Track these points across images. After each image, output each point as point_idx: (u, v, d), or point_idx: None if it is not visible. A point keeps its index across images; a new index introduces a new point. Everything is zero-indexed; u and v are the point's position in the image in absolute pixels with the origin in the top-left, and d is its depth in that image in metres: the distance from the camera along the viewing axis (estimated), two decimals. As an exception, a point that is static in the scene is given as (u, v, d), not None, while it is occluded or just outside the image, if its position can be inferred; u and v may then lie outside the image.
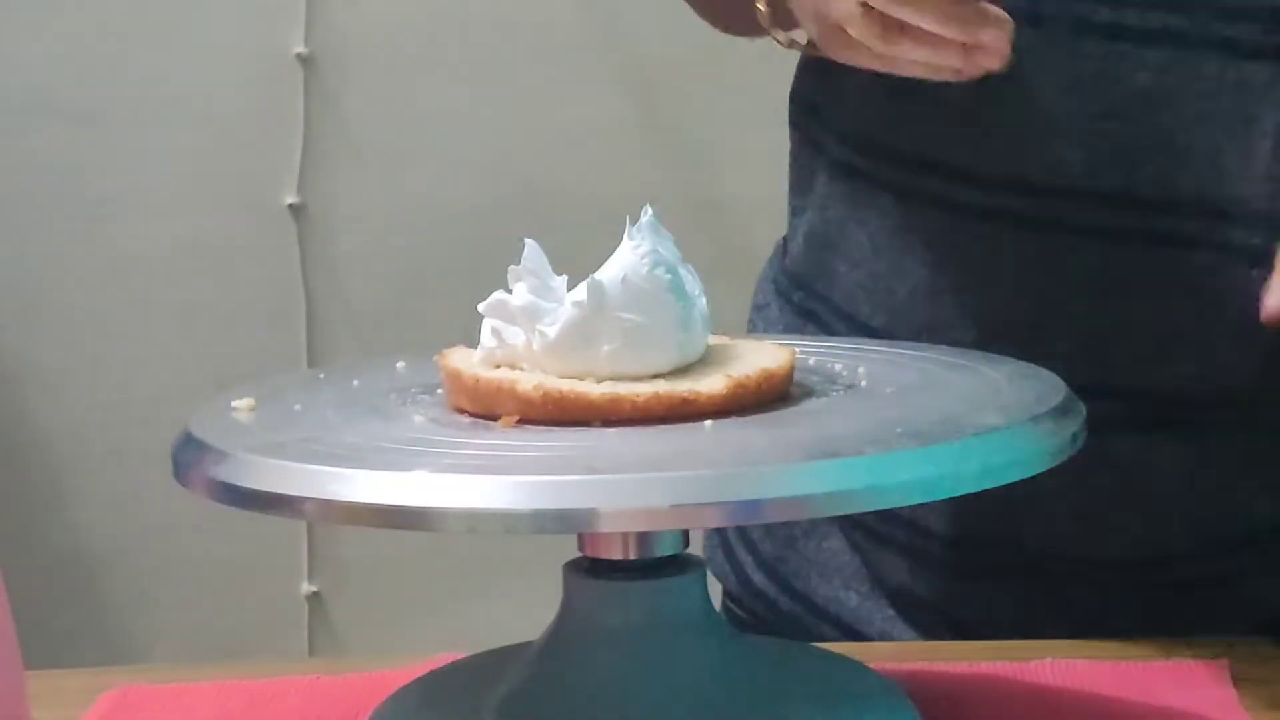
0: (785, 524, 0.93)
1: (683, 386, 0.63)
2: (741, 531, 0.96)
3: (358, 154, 1.85)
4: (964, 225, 0.84)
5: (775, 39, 0.84)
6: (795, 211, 0.95)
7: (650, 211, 0.66)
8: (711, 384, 0.64)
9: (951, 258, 0.85)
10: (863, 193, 0.88)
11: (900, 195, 0.86)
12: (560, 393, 0.63)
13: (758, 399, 0.65)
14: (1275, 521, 0.86)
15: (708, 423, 0.62)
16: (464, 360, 0.67)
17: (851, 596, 0.91)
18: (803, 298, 0.93)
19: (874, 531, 0.90)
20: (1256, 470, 0.85)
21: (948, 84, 0.77)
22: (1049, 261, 0.83)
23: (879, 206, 0.87)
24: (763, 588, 0.95)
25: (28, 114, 1.81)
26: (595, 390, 0.63)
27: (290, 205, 1.84)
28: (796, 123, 0.96)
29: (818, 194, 0.91)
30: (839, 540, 0.92)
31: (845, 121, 0.89)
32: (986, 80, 0.76)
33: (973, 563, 0.87)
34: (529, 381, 0.64)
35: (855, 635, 0.91)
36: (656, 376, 0.65)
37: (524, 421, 0.63)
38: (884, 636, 0.90)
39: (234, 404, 0.68)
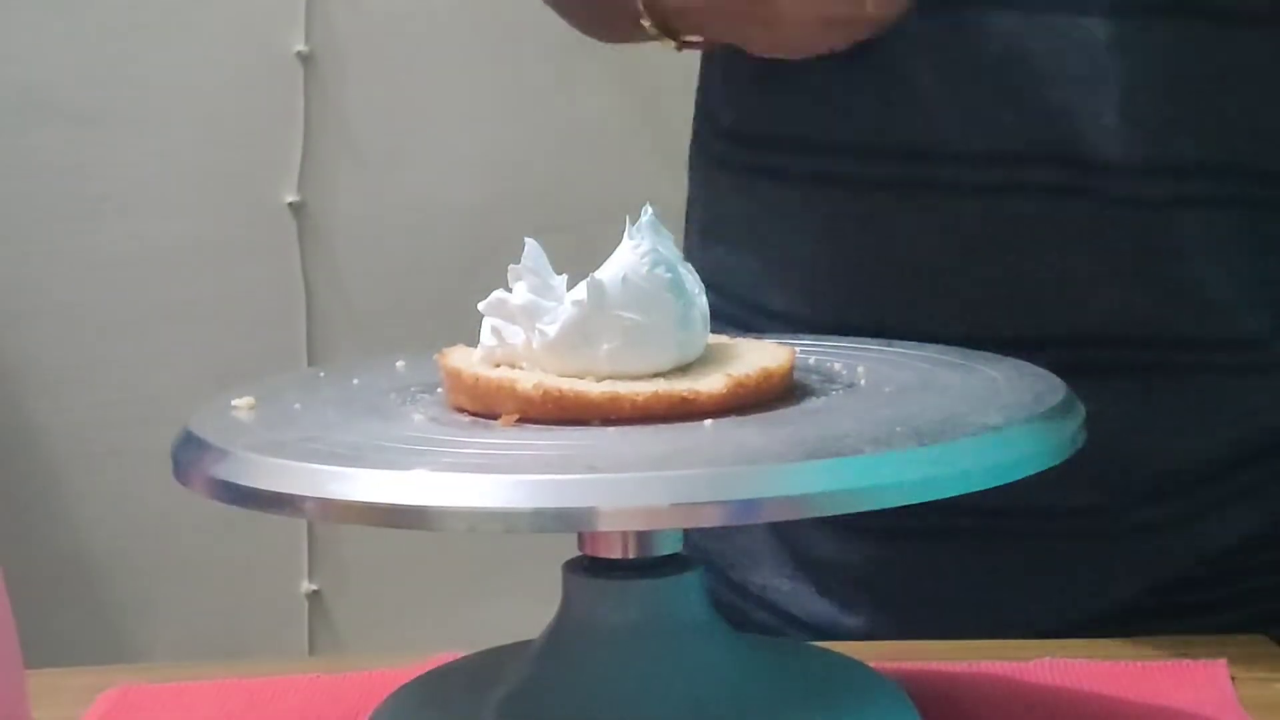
0: None
1: (682, 385, 0.63)
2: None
3: (357, 153, 1.85)
4: (845, 199, 0.86)
5: (661, 39, 0.85)
6: (691, 219, 0.98)
7: (650, 211, 0.66)
8: (711, 383, 0.64)
9: (839, 232, 0.87)
10: (746, 182, 0.91)
11: (781, 179, 0.89)
12: (560, 391, 0.63)
13: (757, 398, 0.65)
14: (1202, 467, 0.87)
15: (707, 422, 0.62)
16: (464, 359, 0.67)
17: (784, 582, 0.92)
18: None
19: None
20: (1178, 414, 0.86)
21: (809, 65, 0.81)
22: (931, 223, 0.84)
23: (764, 193, 0.90)
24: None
25: (28, 114, 1.81)
26: (595, 389, 0.63)
27: (290, 203, 1.84)
28: (695, 132, 0.99)
29: (709, 193, 0.95)
30: (762, 528, 0.93)
31: (724, 118, 0.93)
32: (844, 55, 0.80)
33: (906, 524, 0.87)
34: (529, 380, 0.63)
35: (789, 619, 0.92)
36: (656, 375, 0.65)
37: (524, 420, 0.63)
38: (817, 618, 0.91)
39: (234, 403, 0.68)
